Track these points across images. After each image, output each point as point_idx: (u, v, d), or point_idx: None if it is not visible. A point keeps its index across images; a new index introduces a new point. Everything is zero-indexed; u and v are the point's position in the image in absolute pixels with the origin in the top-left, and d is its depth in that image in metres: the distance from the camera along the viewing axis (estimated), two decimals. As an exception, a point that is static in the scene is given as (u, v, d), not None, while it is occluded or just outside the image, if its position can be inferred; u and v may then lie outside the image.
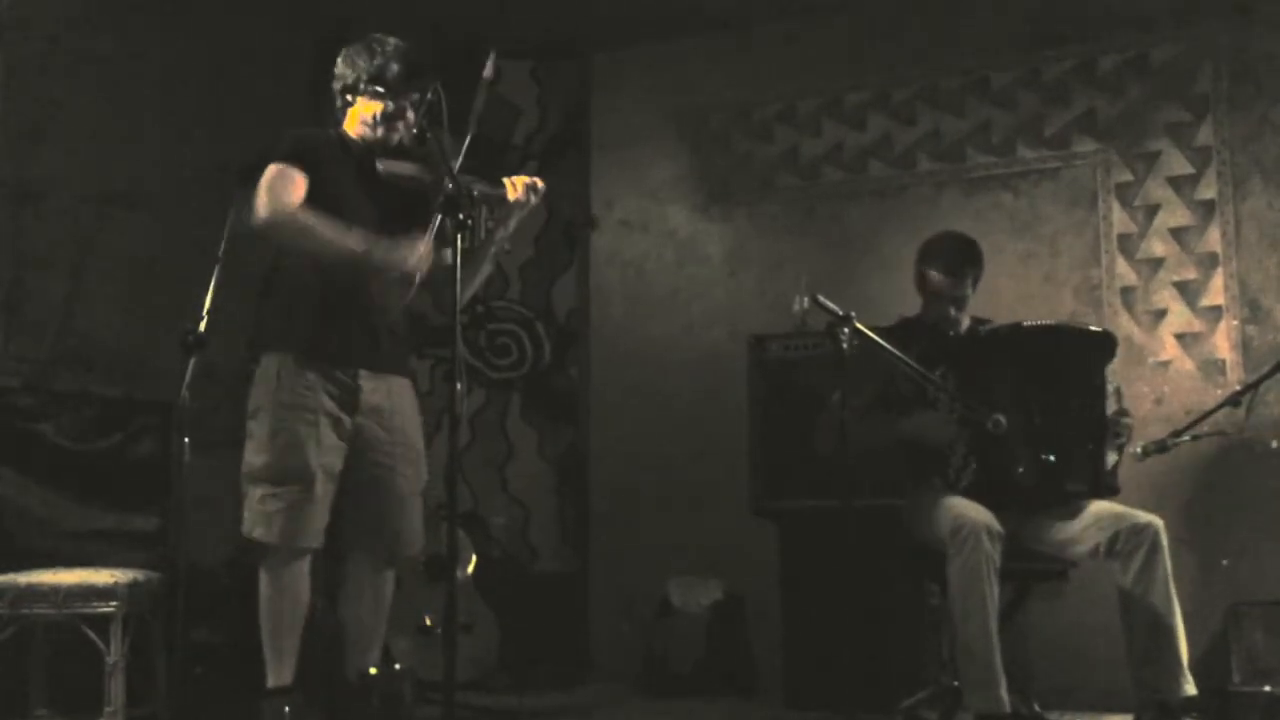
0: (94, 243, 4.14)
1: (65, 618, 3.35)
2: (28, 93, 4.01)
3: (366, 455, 3.10)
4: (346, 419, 3.06)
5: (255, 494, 3.01)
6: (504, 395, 5.20)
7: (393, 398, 3.16)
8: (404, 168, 3.12)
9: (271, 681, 3.02)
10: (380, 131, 3.14)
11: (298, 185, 2.99)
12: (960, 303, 3.56)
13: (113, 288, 4.17)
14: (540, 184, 3.16)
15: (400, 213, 3.09)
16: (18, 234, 3.97)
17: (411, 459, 3.18)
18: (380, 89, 3.12)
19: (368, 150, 3.14)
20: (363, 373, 3.09)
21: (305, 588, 3.05)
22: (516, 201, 3.13)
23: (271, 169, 2.99)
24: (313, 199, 3.02)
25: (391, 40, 3.18)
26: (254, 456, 3.03)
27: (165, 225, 4.27)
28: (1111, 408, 3.40)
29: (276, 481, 2.99)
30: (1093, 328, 3.62)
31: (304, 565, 3.04)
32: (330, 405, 3.03)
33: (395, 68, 3.13)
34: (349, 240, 2.95)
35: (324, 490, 3.02)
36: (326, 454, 3.02)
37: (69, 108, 4.12)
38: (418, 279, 2.97)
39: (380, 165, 3.10)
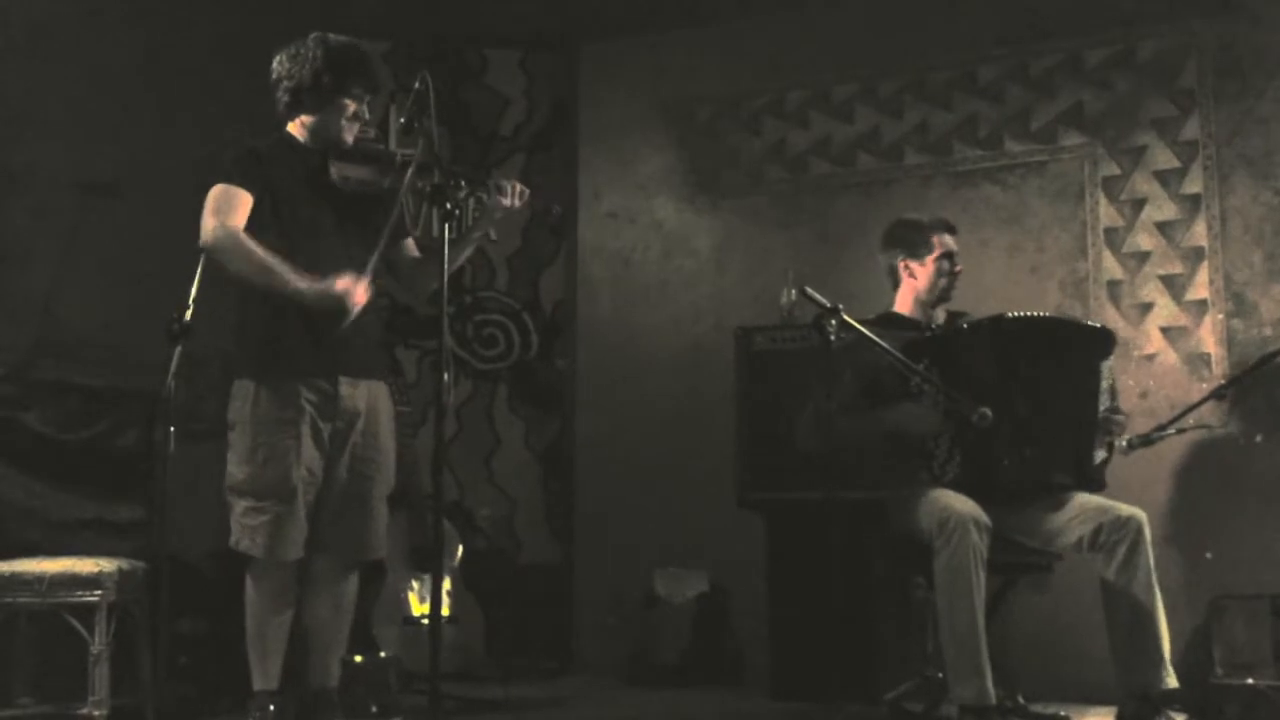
0: (77, 232, 4.12)
1: (49, 607, 3.34)
2: (9, 81, 3.99)
3: (340, 460, 3.12)
4: (325, 426, 3.07)
5: (239, 507, 3.04)
6: (491, 386, 5.19)
7: (370, 402, 3.17)
8: (357, 171, 3.10)
9: (258, 685, 3.05)
10: (337, 133, 3.12)
11: (242, 207, 2.99)
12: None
13: (96, 277, 4.15)
14: (527, 193, 3.18)
15: (355, 217, 3.09)
16: (0, 223, 3.95)
17: (383, 464, 3.20)
18: (340, 90, 3.09)
19: (319, 152, 3.12)
20: (341, 379, 3.09)
21: (290, 595, 3.10)
22: (506, 206, 3.14)
23: (216, 190, 2.99)
24: (264, 212, 3.02)
25: (340, 38, 3.14)
26: (236, 469, 3.05)
27: (149, 214, 4.24)
28: (1105, 404, 3.41)
29: (259, 495, 3.01)
30: (1090, 322, 3.63)
31: (288, 574, 3.08)
32: (310, 414, 3.04)
33: (354, 68, 3.11)
34: (287, 277, 2.94)
35: (305, 502, 3.04)
36: (307, 466, 3.04)
37: (51, 97, 4.10)
38: (353, 313, 2.95)
39: (334, 169, 3.08)
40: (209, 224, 2.96)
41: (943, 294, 3.64)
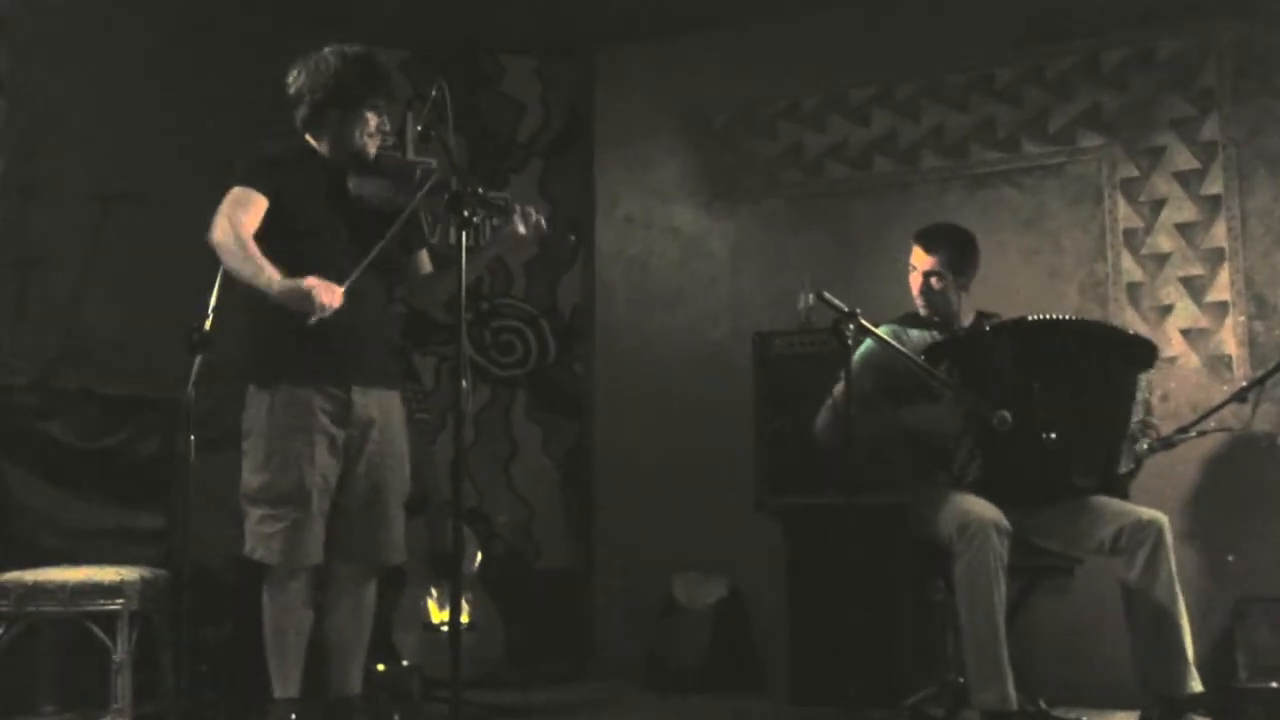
0: (99, 240, 4.14)
1: (72, 615, 3.36)
2: (32, 91, 4.02)
3: (357, 467, 3.12)
4: (340, 434, 3.08)
5: (254, 515, 3.04)
6: (509, 392, 5.20)
7: (383, 411, 3.17)
8: (376, 186, 3.10)
9: (278, 693, 3.05)
10: (361, 147, 3.11)
11: (255, 208, 2.99)
12: (932, 278, 3.55)
13: (118, 285, 4.17)
14: (544, 224, 3.18)
15: (370, 232, 3.06)
16: (22, 232, 3.97)
17: (399, 471, 3.21)
18: (362, 103, 3.09)
19: (338, 165, 3.11)
20: (354, 388, 3.10)
21: (308, 602, 3.09)
22: (521, 235, 3.14)
23: (233, 191, 3.00)
24: (280, 220, 3.02)
25: (356, 49, 3.13)
26: (251, 477, 3.05)
27: (170, 222, 4.25)
28: (1139, 415, 3.39)
29: (274, 503, 3.01)
30: (1130, 330, 3.60)
31: (304, 581, 3.08)
32: (325, 422, 3.05)
33: (374, 79, 3.10)
34: (264, 271, 2.90)
35: (320, 508, 3.04)
36: (322, 473, 3.04)
37: (73, 105, 4.12)
38: (322, 313, 2.87)
39: (352, 184, 3.08)
40: (220, 221, 2.96)
41: (922, 306, 3.60)
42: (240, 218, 2.97)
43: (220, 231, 2.95)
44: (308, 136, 3.17)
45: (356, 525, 3.13)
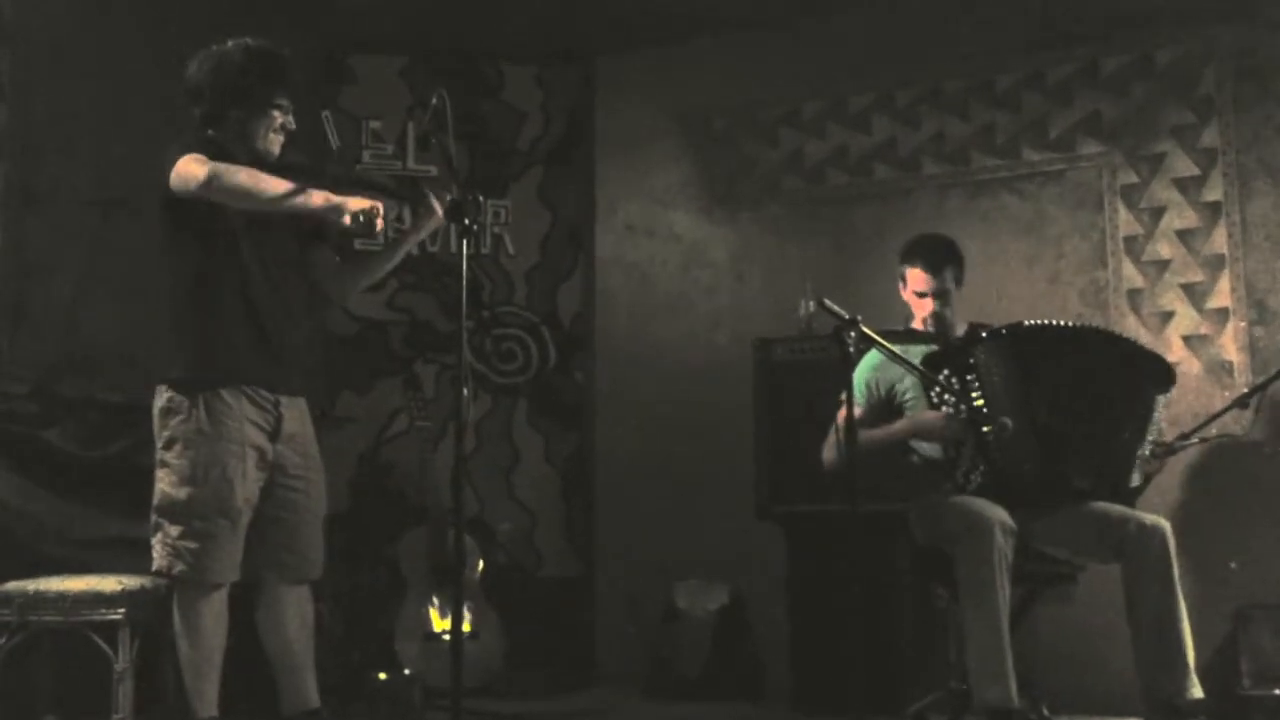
0: (99, 248, 4.14)
1: (73, 625, 3.34)
2: (32, 102, 4.02)
3: (280, 479, 3.04)
4: (270, 448, 3.00)
5: (173, 530, 2.92)
6: (510, 400, 5.19)
7: (302, 422, 3.10)
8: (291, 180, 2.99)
9: (201, 712, 2.96)
10: (265, 146, 3.02)
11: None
12: (943, 299, 3.54)
13: (118, 293, 4.17)
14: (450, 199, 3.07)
15: (291, 231, 3.03)
16: (23, 240, 3.97)
17: (319, 481, 3.13)
18: (269, 100, 3.01)
19: (251, 165, 2.96)
20: (282, 399, 3.03)
21: (225, 617, 2.99)
22: (438, 217, 3.07)
23: (184, 157, 2.84)
24: (209, 211, 2.90)
25: (262, 43, 3.05)
26: (175, 490, 2.92)
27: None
28: (1153, 436, 3.40)
29: (202, 516, 2.90)
30: (1146, 348, 3.57)
31: (224, 595, 2.97)
32: (256, 436, 2.96)
33: (280, 76, 3.03)
34: (294, 192, 2.82)
35: (246, 523, 2.96)
36: (250, 486, 2.96)
37: (74, 112, 4.12)
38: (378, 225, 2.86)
39: None
40: (196, 170, 2.79)
41: (929, 323, 3.57)
42: (212, 160, 2.81)
43: (210, 170, 2.78)
44: (209, 133, 3.03)
45: (281, 538, 3.03)
